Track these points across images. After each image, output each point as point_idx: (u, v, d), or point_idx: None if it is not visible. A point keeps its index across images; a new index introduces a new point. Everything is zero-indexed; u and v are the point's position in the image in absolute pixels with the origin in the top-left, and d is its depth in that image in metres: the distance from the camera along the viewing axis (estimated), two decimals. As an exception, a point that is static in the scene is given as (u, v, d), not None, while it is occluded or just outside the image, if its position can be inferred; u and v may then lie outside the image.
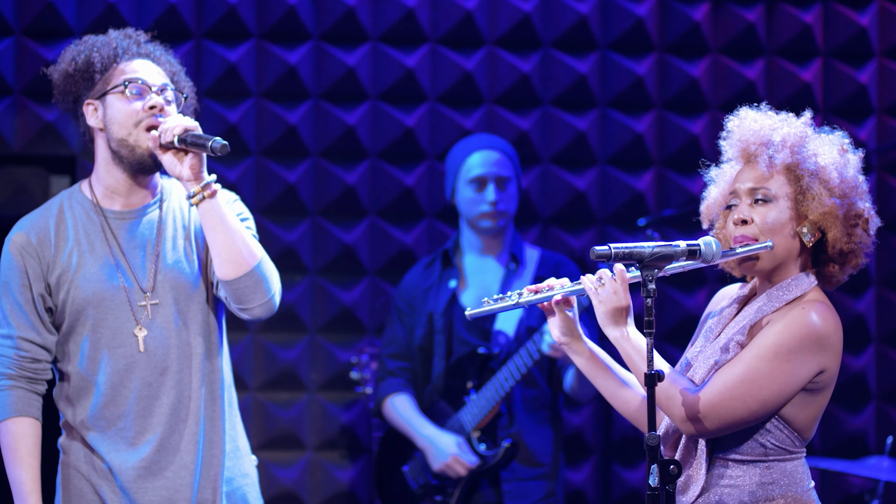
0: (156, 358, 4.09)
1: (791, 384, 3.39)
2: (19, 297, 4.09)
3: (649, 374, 3.34)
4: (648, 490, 3.33)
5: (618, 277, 3.44)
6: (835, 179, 3.46)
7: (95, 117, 4.11)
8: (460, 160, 5.79)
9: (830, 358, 3.42)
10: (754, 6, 6.72)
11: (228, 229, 4.03)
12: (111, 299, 4.08)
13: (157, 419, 4.10)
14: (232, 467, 4.19)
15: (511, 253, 5.77)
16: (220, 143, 3.93)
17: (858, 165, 3.54)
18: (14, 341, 4.09)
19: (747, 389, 3.38)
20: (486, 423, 5.63)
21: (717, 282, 6.68)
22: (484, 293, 5.68)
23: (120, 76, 4.09)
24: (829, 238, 3.47)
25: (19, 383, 4.08)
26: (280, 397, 6.49)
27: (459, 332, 5.71)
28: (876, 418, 6.72)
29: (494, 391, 5.58)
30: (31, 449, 4.08)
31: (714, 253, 3.43)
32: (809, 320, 3.41)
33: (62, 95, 4.16)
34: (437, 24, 6.59)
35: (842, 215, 3.45)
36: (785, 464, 3.46)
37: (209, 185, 4.02)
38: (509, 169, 5.75)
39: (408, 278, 5.89)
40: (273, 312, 4.15)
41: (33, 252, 4.10)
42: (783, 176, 3.48)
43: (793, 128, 3.51)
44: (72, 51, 4.16)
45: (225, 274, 4.04)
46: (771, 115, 3.55)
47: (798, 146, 3.48)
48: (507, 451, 5.60)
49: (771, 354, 3.39)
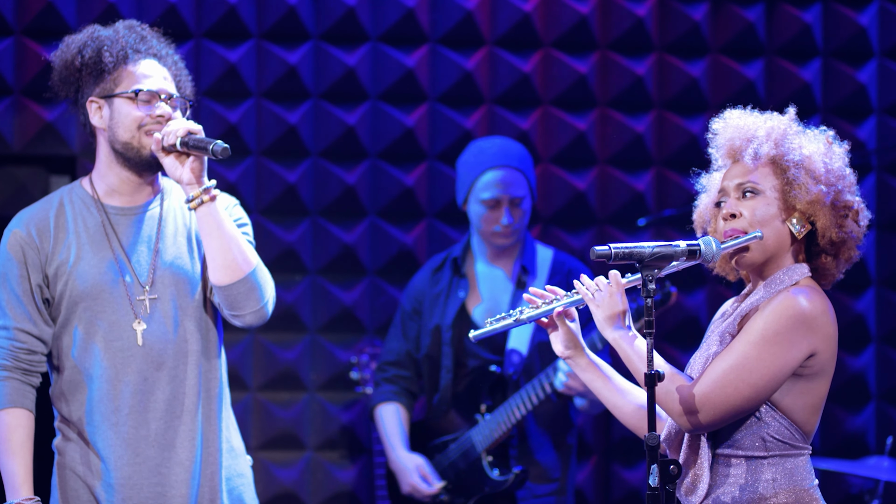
0: (152, 352, 4.10)
1: (781, 368, 3.40)
2: (17, 287, 4.10)
3: (649, 374, 3.35)
4: (648, 490, 3.34)
5: (613, 282, 3.50)
6: (820, 169, 3.48)
7: (99, 116, 4.12)
8: (474, 175, 5.67)
9: (820, 340, 3.43)
10: (754, 6, 6.72)
11: (225, 235, 4.04)
12: (109, 292, 4.09)
13: (152, 414, 4.10)
14: (229, 466, 4.20)
15: (522, 265, 5.72)
16: (221, 146, 3.95)
17: (845, 158, 3.56)
18: (11, 332, 4.10)
19: (738, 375, 3.39)
20: (497, 444, 5.61)
21: (717, 282, 6.69)
22: (495, 306, 5.65)
23: (129, 80, 4.10)
24: (819, 227, 3.49)
25: (14, 374, 4.09)
26: (280, 397, 6.49)
27: (469, 345, 5.67)
28: (876, 418, 6.72)
29: (506, 417, 5.55)
30: (23, 440, 4.09)
31: (714, 252, 3.44)
32: (794, 302, 3.42)
33: (63, 84, 4.16)
34: (437, 24, 6.59)
35: (829, 203, 3.48)
36: (787, 460, 3.46)
37: (209, 190, 4.03)
38: (523, 188, 5.64)
39: (415, 282, 5.85)
40: (265, 321, 4.16)
41: (32, 243, 4.11)
42: (769, 168, 3.50)
43: (776, 122, 3.54)
44: (78, 42, 4.14)
45: (218, 279, 4.06)
46: (755, 113, 3.58)
47: (782, 138, 3.51)
48: (518, 478, 5.58)
49: (759, 339, 3.41)
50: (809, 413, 3.47)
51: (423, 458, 5.67)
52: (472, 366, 5.67)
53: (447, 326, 5.68)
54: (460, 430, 5.67)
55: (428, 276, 5.81)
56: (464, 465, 5.64)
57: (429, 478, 5.63)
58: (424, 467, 5.65)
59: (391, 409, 5.78)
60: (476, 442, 5.62)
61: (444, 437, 5.70)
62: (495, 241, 5.67)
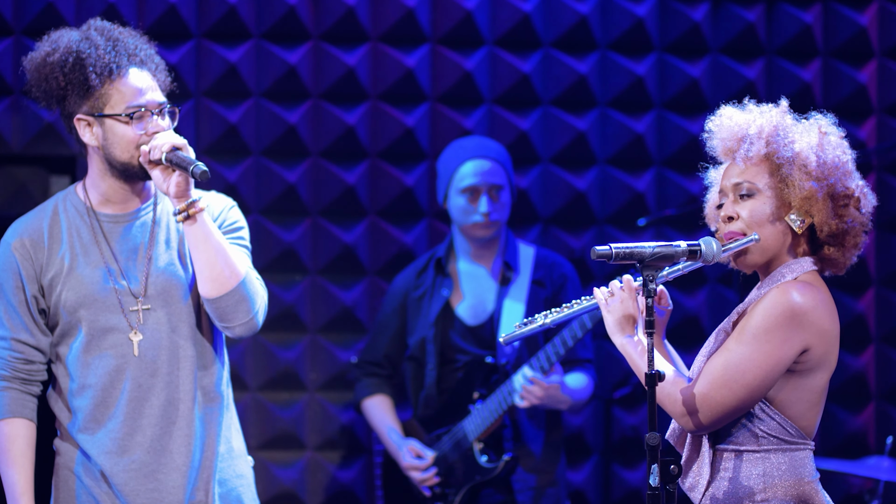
0: (147, 360, 4.10)
1: (774, 365, 3.40)
2: (13, 298, 4.10)
3: (649, 374, 3.35)
4: (648, 490, 3.34)
5: (625, 286, 3.51)
6: (812, 163, 3.48)
7: (90, 133, 4.08)
8: (452, 168, 5.73)
9: (813, 336, 3.42)
10: (754, 6, 6.72)
11: (211, 248, 4.03)
12: (103, 301, 4.09)
13: (146, 420, 4.10)
14: (225, 468, 4.19)
15: (505, 262, 5.74)
16: (200, 169, 3.92)
17: (843, 145, 3.55)
18: (8, 342, 4.11)
19: (732, 376, 3.40)
20: (489, 433, 5.63)
21: (717, 282, 6.69)
22: (479, 304, 5.72)
23: (119, 97, 4.05)
24: (816, 221, 3.48)
25: (13, 384, 4.10)
26: (280, 397, 6.49)
27: (454, 341, 5.70)
28: (876, 418, 6.72)
29: (498, 403, 5.58)
30: (23, 450, 4.09)
31: (714, 253, 3.45)
32: (785, 298, 3.42)
33: (45, 97, 4.12)
34: (437, 24, 6.59)
35: (822, 197, 3.47)
36: (783, 454, 3.46)
37: (194, 204, 4.02)
38: (502, 177, 5.69)
39: (398, 284, 5.88)
40: (256, 331, 4.15)
41: (27, 254, 4.11)
42: (763, 166, 3.51)
43: (767, 118, 3.53)
44: (56, 56, 4.07)
45: (206, 292, 4.06)
46: (750, 108, 3.57)
47: (773, 135, 3.50)
48: (507, 465, 5.60)
49: (750, 338, 3.41)
50: (806, 408, 3.46)
51: (414, 440, 5.71)
52: (461, 361, 5.69)
53: (430, 324, 5.71)
54: (446, 425, 5.70)
55: (411, 280, 5.84)
56: (456, 455, 5.65)
57: (420, 454, 5.66)
58: (415, 445, 5.68)
59: (377, 399, 5.85)
60: (468, 431, 5.64)
61: (438, 430, 5.72)
62: (475, 234, 5.68)
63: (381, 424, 5.81)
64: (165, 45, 4.28)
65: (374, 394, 5.86)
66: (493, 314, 5.70)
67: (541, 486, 5.67)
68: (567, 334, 5.46)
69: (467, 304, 5.74)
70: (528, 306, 5.66)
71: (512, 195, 5.75)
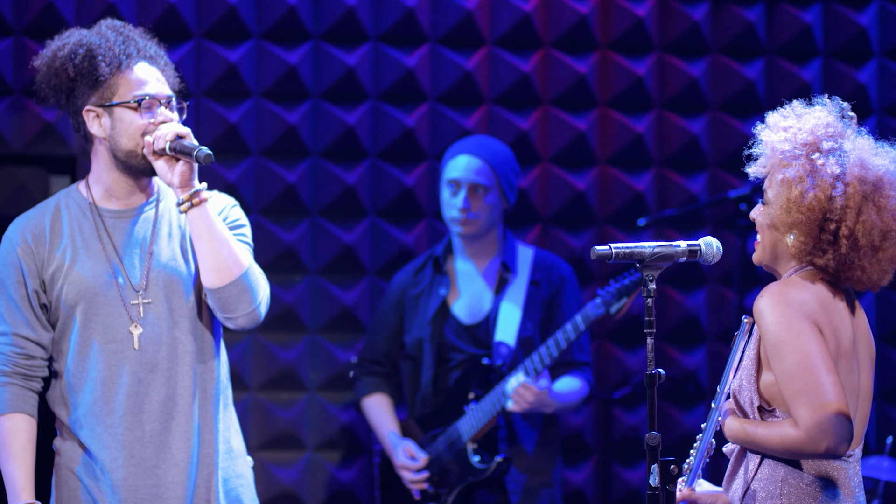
0: (147, 355, 4.11)
1: (818, 341, 3.36)
2: (14, 293, 4.12)
3: (649, 374, 3.35)
4: (648, 490, 3.34)
5: None
6: (795, 196, 3.44)
7: (98, 125, 4.12)
8: (445, 160, 5.77)
9: (813, 315, 3.40)
10: (754, 6, 6.72)
11: (215, 238, 4.05)
12: (104, 296, 4.10)
13: (146, 416, 4.11)
14: (226, 468, 4.20)
15: (503, 262, 5.74)
16: (204, 152, 3.97)
17: (836, 166, 3.48)
18: (10, 338, 4.11)
19: (809, 378, 3.34)
20: (484, 434, 5.62)
21: (718, 282, 6.69)
22: (475, 302, 5.73)
23: (127, 87, 4.10)
24: (798, 243, 3.48)
25: (14, 380, 4.11)
26: (280, 397, 6.49)
27: (451, 340, 5.70)
28: (876, 418, 6.72)
29: (492, 404, 5.58)
30: (24, 445, 4.10)
31: (714, 253, 3.45)
32: (767, 302, 3.40)
33: (53, 91, 4.16)
34: (437, 24, 6.59)
35: (800, 229, 3.44)
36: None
37: (198, 193, 4.05)
38: (489, 179, 5.66)
39: (396, 282, 5.88)
40: (258, 322, 4.16)
41: (28, 249, 4.12)
42: (771, 179, 3.52)
43: (791, 133, 3.50)
44: (66, 49, 4.13)
45: (209, 282, 4.07)
46: (793, 115, 3.53)
47: (781, 155, 3.48)
48: (499, 466, 5.60)
49: (783, 349, 3.37)
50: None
51: (410, 441, 5.71)
52: (456, 359, 5.69)
53: (427, 322, 5.71)
54: (441, 425, 5.70)
55: (409, 279, 5.84)
56: (450, 456, 5.66)
57: (413, 454, 5.67)
58: (409, 445, 5.68)
59: (376, 398, 5.86)
60: (462, 432, 5.64)
61: (434, 430, 5.73)
62: (454, 229, 5.69)
63: (379, 423, 5.82)
64: (165, 45, 4.28)
65: (373, 392, 5.86)
66: (489, 314, 5.70)
67: (535, 487, 5.67)
68: (560, 336, 5.45)
69: (464, 303, 5.74)
70: (525, 307, 5.66)
71: (504, 200, 5.72)
